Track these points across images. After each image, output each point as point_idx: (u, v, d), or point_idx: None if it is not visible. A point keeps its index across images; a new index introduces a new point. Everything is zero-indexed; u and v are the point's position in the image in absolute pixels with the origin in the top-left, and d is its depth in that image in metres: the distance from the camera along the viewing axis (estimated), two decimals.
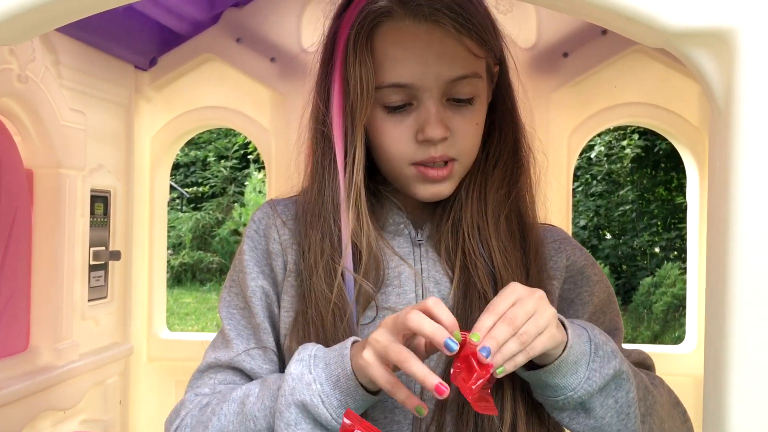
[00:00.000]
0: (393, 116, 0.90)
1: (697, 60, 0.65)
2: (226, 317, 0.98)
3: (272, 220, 0.98)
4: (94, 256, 1.79)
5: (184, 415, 0.93)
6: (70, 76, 1.67)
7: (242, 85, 2.03)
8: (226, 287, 1.00)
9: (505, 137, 0.98)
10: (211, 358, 0.97)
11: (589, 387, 0.84)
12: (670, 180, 10.31)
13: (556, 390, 0.84)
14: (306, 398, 0.81)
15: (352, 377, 0.81)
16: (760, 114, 0.61)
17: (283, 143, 2.00)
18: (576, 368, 0.83)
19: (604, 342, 0.87)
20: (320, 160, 0.93)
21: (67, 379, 1.65)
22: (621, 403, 0.86)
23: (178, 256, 12.77)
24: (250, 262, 0.97)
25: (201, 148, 15.04)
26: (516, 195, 0.97)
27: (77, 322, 1.71)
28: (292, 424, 0.82)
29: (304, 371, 0.83)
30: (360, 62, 0.87)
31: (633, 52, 1.92)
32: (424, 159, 0.90)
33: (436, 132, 0.88)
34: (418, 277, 0.94)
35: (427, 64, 0.87)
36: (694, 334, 1.94)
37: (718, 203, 0.65)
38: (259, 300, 0.96)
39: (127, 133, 1.97)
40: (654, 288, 8.55)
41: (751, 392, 0.62)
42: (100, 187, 1.82)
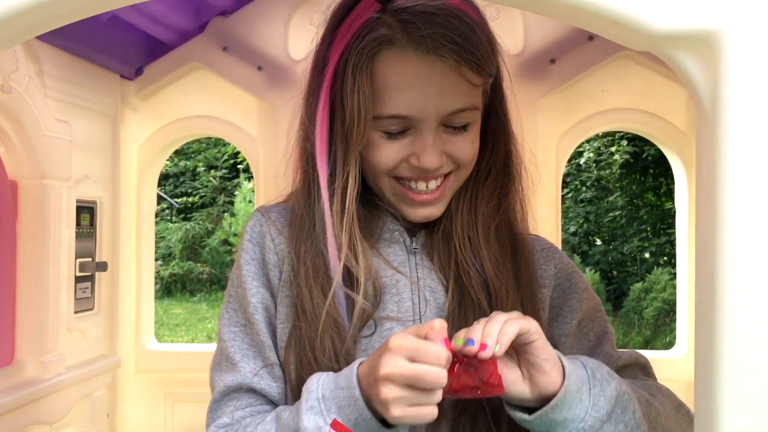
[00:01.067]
0: (388, 140, 0.89)
1: (682, 63, 0.65)
2: (228, 338, 0.95)
3: (266, 228, 0.96)
4: (80, 267, 1.77)
5: None
6: (55, 86, 1.66)
7: (229, 94, 2.02)
8: (226, 303, 0.98)
9: (498, 148, 0.97)
10: (221, 386, 0.94)
11: (596, 413, 0.82)
12: (659, 185, 10.35)
13: (566, 425, 0.82)
14: None
15: (372, 420, 0.78)
16: (747, 116, 0.61)
17: (271, 152, 1.99)
18: (579, 396, 0.82)
19: (597, 365, 0.86)
20: (306, 179, 0.92)
21: (54, 392, 1.63)
22: (630, 426, 0.85)
23: (168, 266, 12.71)
24: (249, 276, 0.95)
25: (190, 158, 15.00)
26: (506, 206, 0.97)
27: (63, 335, 1.69)
28: None
29: (318, 422, 0.79)
30: (359, 90, 0.85)
31: (620, 58, 1.92)
32: (411, 177, 0.90)
33: (432, 161, 0.88)
34: (414, 285, 0.93)
35: (427, 97, 0.86)
36: (684, 339, 1.94)
37: (706, 206, 0.64)
38: (261, 316, 0.93)
39: (114, 143, 1.95)
40: (644, 293, 8.57)
41: (741, 396, 0.61)
42: (86, 197, 1.80)
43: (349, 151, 0.88)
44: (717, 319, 0.61)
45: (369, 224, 0.94)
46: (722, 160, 0.61)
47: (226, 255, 12.51)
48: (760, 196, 0.59)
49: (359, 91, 0.85)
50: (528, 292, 0.93)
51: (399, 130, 0.88)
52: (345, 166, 0.89)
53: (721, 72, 0.61)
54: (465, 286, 0.92)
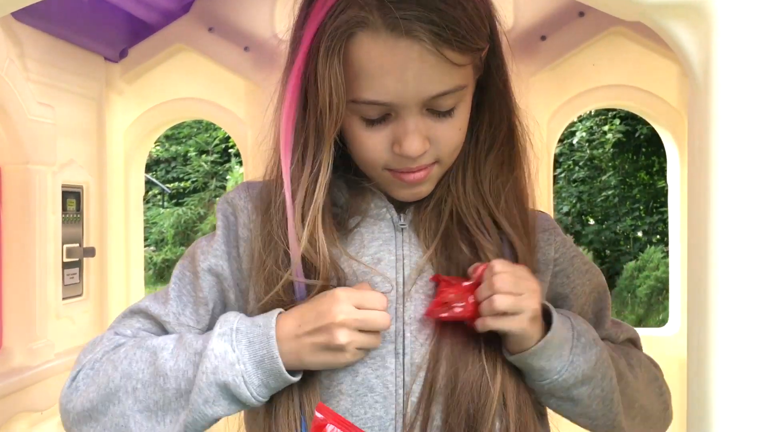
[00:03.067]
0: (370, 127, 0.85)
1: (673, 32, 0.63)
2: (176, 275, 0.96)
3: (244, 203, 0.94)
4: (67, 253, 1.75)
5: (98, 350, 0.91)
6: (37, 69, 1.63)
7: (216, 76, 1.99)
8: (192, 248, 0.97)
9: (498, 119, 0.92)
10: (143, 304, 0.95)
11: (573, 371, 0.86)
12: (652, 164, 10.37)
13: (542, 374, 0.86)
14: (229, 379, 0.82)
15: (278, 360, 0.82)
16: (738, 85, 0.59)
17: (259, 134, 1.96)
18: (560, 352, 0.85)
19: (586, 330, 0.89)
20: (276, 163, 0.89)
21: (43, 379, 1.62)
22: (606, 392, 0.89)
23: (160, 252, 12.69)
24: (220, 241, 0.94)
25: (181, 143, 14.92)
26: (514, 182, 0.93)
27: (52, 321, 1.68)
28: (210, 401, 0.83)
29: (227, 349, 0.82)
30: (331, 76, 0.80)
31: (611, 34, 1.90)
32: (400, 168, 0.86)
33: (414, 148, 0.83)
34: (399, 262, 0.91)
35: (405, 83, 0.80)
36: (677, 317, 1.94)
37: (698, 179, 0.63)
38: (208, 278, 0.93)
39: (99, 126, 1.92)
40: (637, 272, 8.61)
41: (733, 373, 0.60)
42: (71, 182, 1.78)
43: (322, 139, 0.84)
44: (709, 294, 0.60)
45: (352, 204, 0.92)
46: (714, 129, 0.59)
47: None
48: (753, 166, 0.58)
49: (331, 77, 0.80)
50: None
51: (379, 116, 0.84)
52: (317, 154, 0.85)
53: (712, 40, 0.60)
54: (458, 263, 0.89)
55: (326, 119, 0.83)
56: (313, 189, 0.86)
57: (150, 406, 0.86)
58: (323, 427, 0.57)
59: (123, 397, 0.86)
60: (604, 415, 0.90)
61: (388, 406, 0.86)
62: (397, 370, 0.87)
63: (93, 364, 0.90)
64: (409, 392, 0.86)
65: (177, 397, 0.85)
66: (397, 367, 0.87)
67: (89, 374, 0.90)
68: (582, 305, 0.99)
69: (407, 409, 0.86)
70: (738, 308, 0.59)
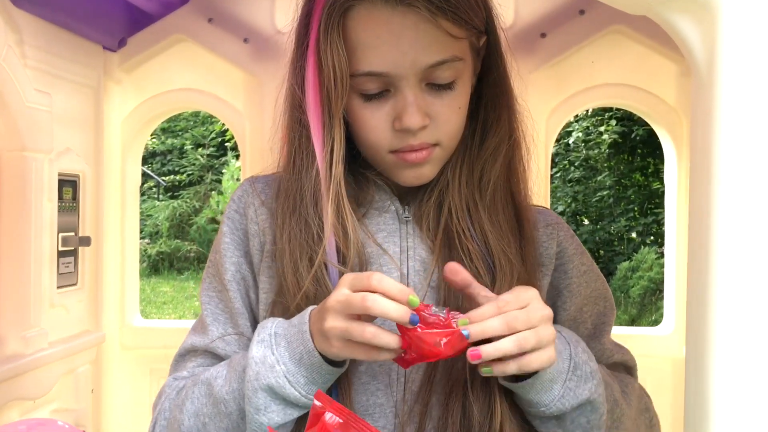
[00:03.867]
0: (370, 104, 0.85)
1: (678, 27, 0.63)
2: (204, 301, 0.96)
3: (251, 198, 0.95)
4: (62, 241, 1.74)
5: (163, 400, 0.93)
6: (35, 56, 1.62)
7: (215, 67, 1.99)
8: (207, 268, 0.98)
9: (497, 112, 0.92)
10: (188, 343, 0.96)
11: (561, 406, 0.82)
12: (647, 166, 10.38)
13: (529, 404, 0.84)
14: (272, 381, 0.80)
15: (315, 353, 0.79)
16: (743, 81, 0.59)
17: (257, 126, 1.96)
18: (551, 386, 0.81)
19: (584, 362, 0.84)
20: (297, 148, 0.89)
21: (36, 367, 1.61)
22: (592, 424, 0.85)
23: (155, 244, 12.66)
24: (230, 245, 0.94)
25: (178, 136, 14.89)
26: (508, 175, 0.93)
27: (46, 310, 1.67)
28: (261, 408, 0.81)
29: (266, 353, 0.81)
30: (332, 50, 0.82)
31: (611, 32, 1.90)
32: (402, 147, 0.86)
33: (414, 121, 0.83)
34: (404, 254, 0.91)
35: (402, 52, 0.81)
36: (672, 317, 1.95)
37: (701, 176, 0.63)
38: (237, 284, 0.93)
39: (96, 115, 1.91)
40: (631, 272, 8.63)
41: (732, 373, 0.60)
42: (68, 171, 1.77)
43: (332, 114, 0.85)
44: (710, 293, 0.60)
45: (358, 196, 0.92)
46: (718, 125, 0.59)
47: (214, 233, 12.46)
48: (758, 163, 0.58)
49: (333, 51, 0.82)
50: (531, 268, 0.91)
51: (378, 90, 0.84)
52: (330, 131, 0.86)
53: (717, 35, 0.60)
54: (459, 258, 0.89)
55: (333, 94, 0.83)
56: (330, 163, 0.86)
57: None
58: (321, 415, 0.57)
59: None
60: None
61: (389, 394, 0.87)
62: None
63: (163, 414, 0.92)
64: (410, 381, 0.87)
65: (242, 417, 0.84)
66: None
67: (163, 425, 0.92)
68: (579, 307, 0.97)
69: (407, 397, 0.87)
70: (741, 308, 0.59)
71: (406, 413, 0.87)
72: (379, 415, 0.87)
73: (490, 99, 0.92)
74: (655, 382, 1.94)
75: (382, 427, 0.87)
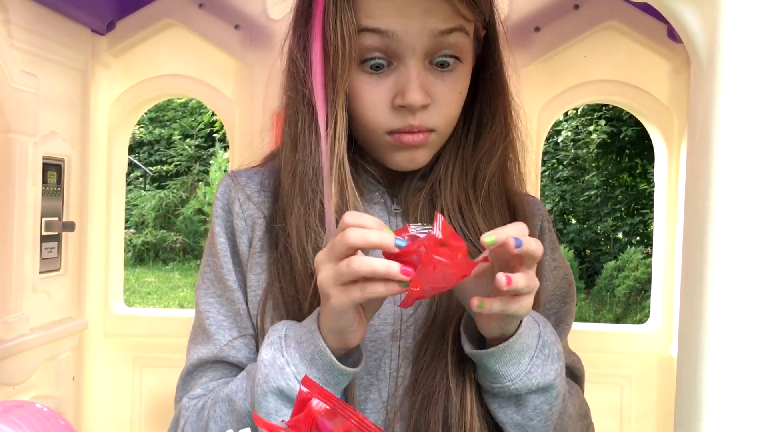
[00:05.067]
0: (371, 78, 0.84)
1: (680, 14, 0.62)
2: (204, 308, 0.92)
3: (234, 193, 0.93)
4: (46, 226, 1.71)
5: (183, 423, 0.89)
6: (22, 37, 1.59)
7: (205, 53, 1.96)
8: (202, 274, 0.95)
9: (493, 109, 0.92)
10: (194, 358, 0.92)
11: (528, 381, 0.80)
12: (635, 166, 10.44)
13: (495, 377, 0.81)
14: (282, 384, 0.77)
15: (327, 352, 0.77)
16: (744, 71, 0.58)
17: (247, 114, 1.94)
18: (519, 359, 0.80)
19: (552, 342, 0.83)
20: (299, 126, 0.87)
21: (17, 353, 1.59)
22: (554, 411, 0.84)
23: (140, 234, 12.60)
24: (225, 244, 0.92)
25: (166, 126, 14.81)
26: (503, 173, 0.93)
27: (28, 295, 1.65)
28: (272, 413, 0.78)
29: (276, 355, 0.78)
30: (341, 19, 0.81)
31: (605, 28, 1.89)
32: (401, 127, 0.84)
33: (416, 97, 0.82)
34: None
35: (411, 16, 0.81)
36: (659, 314, 1.95)
37: (698, 169, 0.62)
38: (240, 285, 0.91)
39: (83, 99, 1.89)
40: (617, 272, 8.68)
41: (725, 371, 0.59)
42: (53, 154, 1.74)
43: (337, 88, 0.84)
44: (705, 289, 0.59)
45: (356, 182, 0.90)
46: (718, 116, 0.58)
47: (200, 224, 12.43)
48: (758, 155, 0.57)
49: (342, 21, 0.81)
50: None
51: (381, 57, 0.83)
52: (333, 108, 0.84)
53: (719, 24, 0.59)
54: None
55: (339, 64, 0.82)
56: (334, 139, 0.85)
57: None
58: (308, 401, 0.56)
59: None
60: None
61: (382, 389, 0.86)
62: (393, 353, 0.87)
63: None
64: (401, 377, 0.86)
65: None
66: (394, 351, 0.87)
67: None
68: (543, 303, 0.95)
69: (398, 392, 0.86)
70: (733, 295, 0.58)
71: (395, 409, 0.86)
72: (371, 410, 0.86)
73: (486, 96, 0.92)
74: (641, 379, 1.95)
75: (374, 421, 0.86)
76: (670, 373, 1.90)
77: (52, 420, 0.60)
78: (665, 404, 1.93)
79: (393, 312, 0.88)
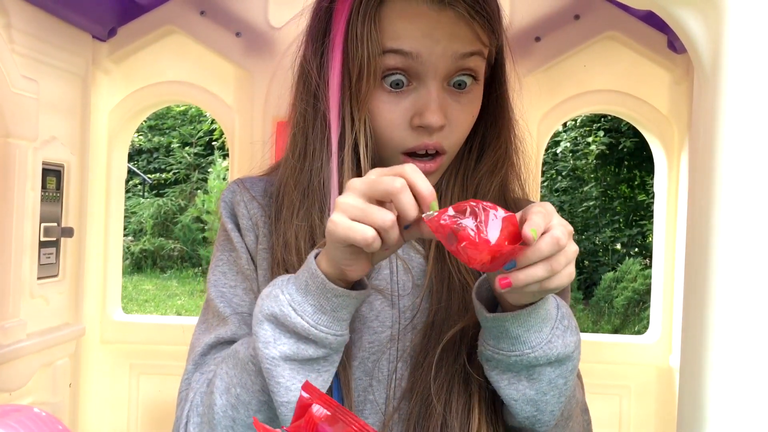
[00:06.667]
0: (390, 96, 0.85)
1: (683, 21, 0.62)
2: (215, 295, 0.92)
3: (240, 196, 0.95)
4: (44, 232, 1.71)
5: (192, 396, 0.88)
6: (23, 42, 1.59)
7: (205, 60, 1.96)
8: (214, 267, 0.95)
9: (497, 130, 0.94)
10: (210, 338, 0.90)
11: (547, 349, 0.78)
12: (633, 178, 10.45)
13: (514, 343, 0.78)
14: (275, 310, 0.77)
15: (317, 273, 0.76)
16: (748, 77, 0.58)
17: (247, 121, 1.94)
18: (542, 326, 0.78)
19: (569, 315, 0.83)
20: (308, 137, 0.89)
21: (13, 359, 1.58)
22: (568, 386, 0.82)
23: (138, 242, 12.58)
24: (240, 241, 0.93)
25: (165, 134, 14.81)
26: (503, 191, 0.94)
27: (25, 300, 1.64)
28: (270, 340, 0.77)
29: (274, 291, 0.79)
30: (367, 38, 0.83)
31: (605, 39, 1.90)
32: (416, 146, 0.86)
33: (436, 118, 0.84)
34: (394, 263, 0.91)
35: (435, 39, 0.84)
36: (658, 325, 1.94)
37: (702, 175, 0.61)
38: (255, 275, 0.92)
39: (83, 105, 1.88)
40: (615, 283, 8.67)
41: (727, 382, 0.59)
42: (52, 160, 1.74)
43: (358, 108, 0.85)
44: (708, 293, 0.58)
45: None
46: (721, 123, 0.58)
47: (198, 232, 12.41)
48: (761, 161, 0.57)
49: (368, 39, 0.83)
50: None
51: (401, 74, 0.85)
52: (355, 123, 0.86)
53: (723, 31, 0.59)
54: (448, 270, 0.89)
55: (363, 81, 0.84)
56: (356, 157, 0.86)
57: (261, 399, 0.81)
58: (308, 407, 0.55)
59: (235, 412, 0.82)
60: (551, 411, 0.82)
61: (379, 392, 0.86)
62: (391, 355, 0.87)
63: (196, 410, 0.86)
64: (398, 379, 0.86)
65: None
66: (392, 354, 0.87)
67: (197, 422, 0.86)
68: None
69: (397, 395, 0.86)
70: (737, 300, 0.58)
71: (392, 411, 0.86)
72: (369, 412, 0.86)
73: (491, 118, 0.94)
74: (640, 389, 1.94)
75: (371, 424, 0.86)
76: (669, 383, 1.90)
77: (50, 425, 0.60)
78: (664, 415, 1.92)
79: (391, 315, 0.89)
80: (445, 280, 0.88)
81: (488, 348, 0.81)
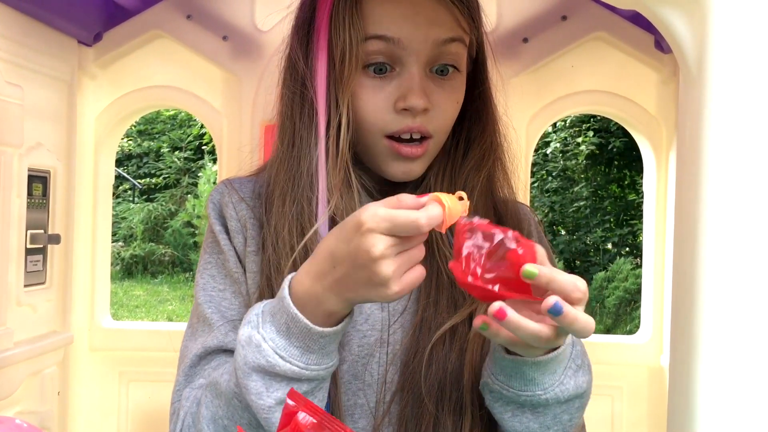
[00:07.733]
0: (374, 81, 0.87)
1: (668, 21, 0.62)
2: (203, 300, 0.91)
3: (228, 197, 0.94)
4: (31, 239, 1.69)
5: (183, 415, 0.86)
6: (7, 47, 1.58)
7: (193, 64, 1.95)
8: (202, 270, 0.94)
9: (481, 124, 0.95)
10: (198, 348, 0.89)
11: (559, 392, 0.79)
12: (623, 177, 10.49)
13: (527, 384, 0.78)
14: (262, 361, 0.75)
15: (299, 317, 0.74)
16: (733, 77, 0.58)
17: (235, 125, 1.93)
18: (555, 368, 0.78)
19: (582, 352, 0.84)
20: (296, 125, 0.90)
21: (1, 368, 1.56)
22: (573, 423, 0.82)
23: (129, 247, 12.53)
24: (228, 243, 0.93)
25: (155, 139, 14.77)
26: (490, 186, 0.95)
27: (12, 309, 1.62)
28: (262, 391, 0.75)
29: (252, 333, 0.76)
30: (349, 24, 0.85)
31: (592, 39, 1.90)
32: (400, 129, 0.87)
33: (419, 101, 0.85)
34: None
35: (416, 24, 0.85)
36: (648, 325, 1.94)
37: (688, 175, 0.61)
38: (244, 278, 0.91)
39: (69, 111, 1.87)
40: (607, 283, 8.69)
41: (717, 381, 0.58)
42: (38, 166, 1.72)
43: (344, 89, 0.86)
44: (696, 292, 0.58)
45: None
46: (707, 122, 0.58)
47: (189, 237, 12.37)
48: (747, 160, 0.57)
49: (350, 25, 0.85)
50: None
51: (384, 61, 0.86)
52: (339, 108, 0.87)
53: (707, 30, 0.58)
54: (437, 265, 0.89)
55: (346, 66, 0.85)
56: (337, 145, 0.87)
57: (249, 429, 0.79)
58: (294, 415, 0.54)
59: None
60: None
61: (369, 395, 0.86)
62: (381, 359, 0.87)
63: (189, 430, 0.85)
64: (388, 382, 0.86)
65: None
66: (382, 357, 0.87)
67: None
68: None
69: (387, 397, 0.86)
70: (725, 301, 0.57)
71: (383, 413, 0.86)
72: (359, 416, 0.86)
73: (474, 113, 0.96)
74: (632, 389, 1.94)
75: (362, 428, 0.85)
76: (660, 383, 1.90)
77: None
78: (656, 415, 1.92)
79: (381, 318, 0.88)
80: (434, 276, 0.88)
81: (496, 383, 0.80)
